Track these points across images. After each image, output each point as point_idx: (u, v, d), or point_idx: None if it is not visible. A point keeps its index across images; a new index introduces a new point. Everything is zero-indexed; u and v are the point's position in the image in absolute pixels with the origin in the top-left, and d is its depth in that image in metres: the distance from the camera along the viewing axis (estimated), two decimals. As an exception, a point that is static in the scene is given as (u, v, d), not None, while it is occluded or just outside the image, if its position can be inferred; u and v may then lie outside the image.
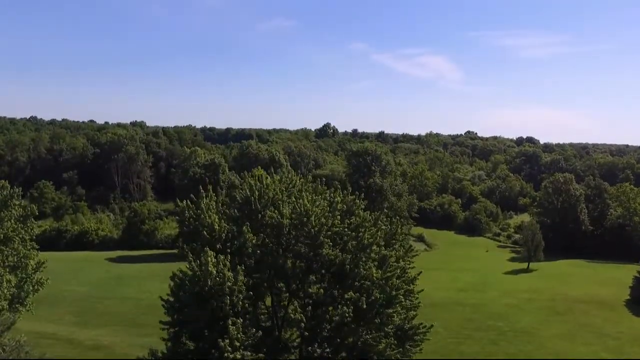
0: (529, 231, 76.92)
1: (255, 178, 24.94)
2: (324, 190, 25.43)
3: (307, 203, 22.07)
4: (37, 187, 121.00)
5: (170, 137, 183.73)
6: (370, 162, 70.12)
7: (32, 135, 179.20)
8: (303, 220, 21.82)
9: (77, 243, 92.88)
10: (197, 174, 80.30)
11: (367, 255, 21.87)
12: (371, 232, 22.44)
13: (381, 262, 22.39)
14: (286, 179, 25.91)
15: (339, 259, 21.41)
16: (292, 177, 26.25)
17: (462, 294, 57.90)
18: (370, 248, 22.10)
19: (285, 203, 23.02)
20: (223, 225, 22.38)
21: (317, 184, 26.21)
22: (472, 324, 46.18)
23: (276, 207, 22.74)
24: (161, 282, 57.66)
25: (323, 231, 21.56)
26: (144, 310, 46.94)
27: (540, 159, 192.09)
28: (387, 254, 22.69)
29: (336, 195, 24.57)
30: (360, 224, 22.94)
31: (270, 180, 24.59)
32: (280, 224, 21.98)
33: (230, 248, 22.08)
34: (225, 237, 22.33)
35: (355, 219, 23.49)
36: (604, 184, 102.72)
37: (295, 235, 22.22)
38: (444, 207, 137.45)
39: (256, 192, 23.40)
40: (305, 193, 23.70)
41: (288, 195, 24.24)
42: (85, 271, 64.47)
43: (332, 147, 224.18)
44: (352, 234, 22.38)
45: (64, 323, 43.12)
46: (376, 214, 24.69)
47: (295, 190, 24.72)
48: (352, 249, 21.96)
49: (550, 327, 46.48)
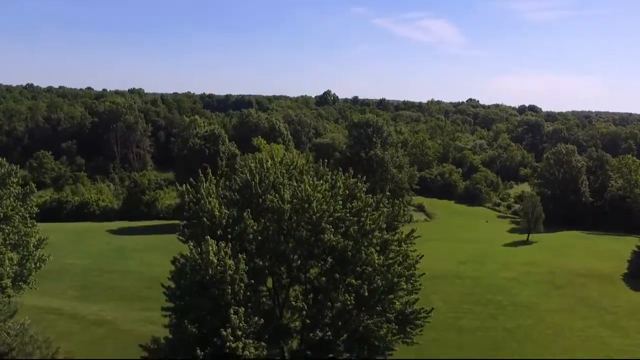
0: (530, 203, 76.82)
1: (256, 161, 24.44)
2: (326, 172, 24.99)
3: (309, 188, 21.68)
4: (36, 157, 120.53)
5: (169, 106, 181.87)
6: (371, 134, 69.32)
7: (29, 103, 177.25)
8: (304, 206, 21.50)
9: (78, 214, 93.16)
10: (196, 145, 79.61)
11: (368, 240, 21.66)
12: (373, 218, 22.16)
13: (383, 247, 22.22)
14: (287, 160, 25.42)
15: (341, 245, 21.21)
16: (293, 157, 25.73)
17: (462, 267, 58.27)
18: (372, 234, 21.86)
19: (286, 187, 22.63)
20: (223, 211, 22.04)
21: (319, 164, 25.74)
22: (471, 298, 46.61)
23: (277, 191, 22.37)
24: (162, 254, 58.12)
25: (325, 217, 21.28)
26: (146, 284, 47.31)
27: (543, 128, 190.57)
28: (389, 238, 22.50)
29: (338, 178, 24.15)
30: (362, 209, 22.63)
31: (271, 163, 24.10)
32: (281, 209, 21.66)
33: (231, 234, 21.84)
34: (225, 223, 22.04)
35: (357, 203, 23.16)
36: (606, 156, 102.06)
37: (296, 220, 21.95)
38: (444, 176, 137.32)
39: (257, 175, 22.97)
40: (307, 176, 23.26)
41: (289, 178, 23.83)
42: (86, 243, 64.71)
43: (332, 115, 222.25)
44: (353, 219, 22.12)
45: (67, 298, 43.49)
46: (378, 197, 24.34)
47: (297, 172, 24.28)
48: (354, 234, 21.72)
49: (549, 300, 46.93)
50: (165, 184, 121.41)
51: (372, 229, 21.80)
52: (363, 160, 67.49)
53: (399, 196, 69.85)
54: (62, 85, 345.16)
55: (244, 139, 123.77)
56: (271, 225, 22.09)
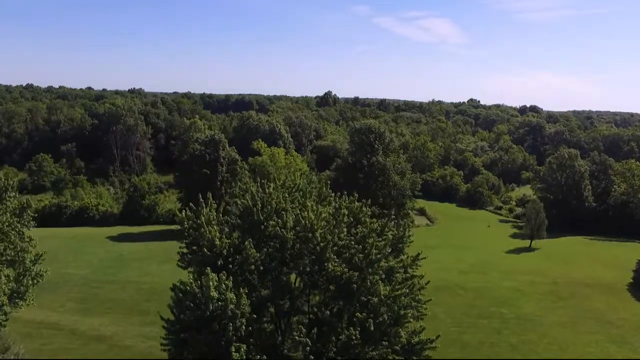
0: (533, 209, 76.22)
1: (258, 185, 23.84)
2: (329, 194, 24.41)
3: (312, 216, 21.10)
4: (35, 160, 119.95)
5: (169, 108, 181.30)
6: (373, 140, 68.73)
7: (29, 105, 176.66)
8: (308, 235, 20.91)
9: (78, 219, 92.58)
10: (196, 151, 79.00)
11: (374, 269, 21.08)
12: (379, 247, 21.55)
13: (388, 274, 21.65)
14: (289, 182, 24.83)
15: (346, 276, 20.64)
16: (296, 178, 25.13)
17: (464, 276, 57.74)
18: (377, 264, 21.28)
19: (289, 213, 22.04)
20: (224, 241, 21.44)
21: (322, 185, 25.16)
22: (474, 311, 46.06)
23: (279, 217, 21.78)
24: (161, 263, 58.06)
25: (329, 247, 20.70)
26: (145, 296, 46.91)
27: (544, 130, 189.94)
28: (395, 266, 21.90)
29: (342, 202, 23.56)
30: (367, 235, 22.05)
31: (274, 186, 23.51)
32: (284, 238, 21.09)
33: (232, 263, 21.26)
34: (227, 253, 21.44)
35: (362, 229, 22.59)
36: (609, 160, 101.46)
37: (299, 249, 21.36)
38: (445, 179, 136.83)
39: (259, 202, 22.37)
40: (310, 201, 22.66)
41: (292, 200, 23.26)
42: (85, 251, 64.15)
43: (333, 117, 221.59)
44: (358, 247, 21.52)
45: (66, 311, 42.93)
46: (383, 221, 23.75)
47: (299, 195, 23.69)
48: (359, 263, 21.13)
49: (553, 313, 46.38)
50: (165, 187, 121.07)
51: (378, 259, 21.22)
52: (365, 167, 66.84)
53: (401, 203, 69.36)
54: (62, 85, 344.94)
55: (245, 141, 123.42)
56: (274, 255, 21.50)
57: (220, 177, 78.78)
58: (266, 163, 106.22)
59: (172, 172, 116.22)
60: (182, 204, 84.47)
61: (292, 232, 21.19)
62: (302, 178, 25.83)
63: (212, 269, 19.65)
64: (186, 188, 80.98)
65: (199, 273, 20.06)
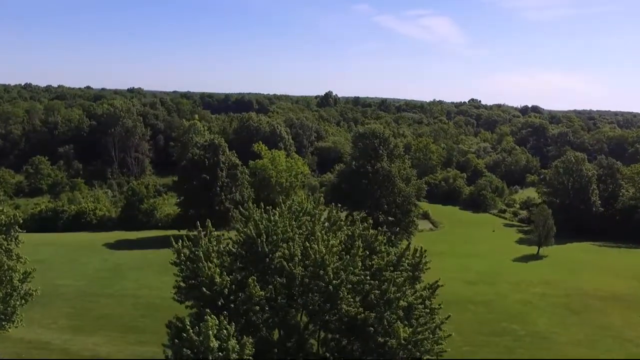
0: (541, 216, 74.22)
1: (261, 210, 21.81)
2: (339, 218, 22.41)
3: (323, 248, 19.10)
4: (32, 162, 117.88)
5: (168, 108, 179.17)
6: (377, 146, 66.74)
7: (27, 105, 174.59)
8: (318, 272, 18.94)
9: (74, 223, 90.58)
10: (196, 155, 76.94)
11: (392, 309, 19.13)
12: (397, 284, 19.56)
13: (407, 312, 19.70)
14: (296, 206, 22.80)
15: (361, 317, 18.69)
16: (302, 201, 23.13)
17: (473, 288, 55.77)
18: (396, 302, 19.33)
19: (297, 242, 20.05)
20: (225, 279, 19.44)
21: (331, 208, 23.15)
22: (486, 327, 44.12)
23: (286, 247, 19.75)
24: (159, 273, 55.91)
25: (342, 286, 18.74)
26: (142, 311, 44.96)
27: (547, 131, 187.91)
28: (414, 302, 19.93)
29: (355, 229, 21.58)
30: (383, 268, 20.07)
31: (279, 213, 21.49)
32: (292, 274, 19.12)
33: (234, 302, 19.28)
34: (228, 291, 19.45)
35: (377, 261, 20.62)
36: (616, 164, 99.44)
37: (308, 284, 19.37)
38: (448, 181, 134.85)
39: (263, 233, 20.36)
40: (319, 230, 20.61)
41: (299, 226, 21.26)
42: (80, 261, 62.15)
43: (334, 117, 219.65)
44: (374, 283, 19.55)
45: (58, 328, 40.95)
46: (400, 250, 21.76)
47: (307, 220, 21.62)
48: (374, 301, 19.17)
49: (568, 330, 44.44)
50: (164, 190, 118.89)
51: (397, 297, 19.27)
52: (369, 173, 64.85)
53: (407, 210, 67.38)
54: (60, 85, 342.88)
55: (245, 143, 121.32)
56: (280, 293, 19.53)
57: (220, 183, 76.71)
58: (267, 166, 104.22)
59: (172, 174, 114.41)
60: (181, 210, 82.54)
61: (300, 266, 19.21)
62: (309, 200, 23.72)
63: (212, 308, 17.73)
64: (185, 193, 78.89)
65: (197, 314, 18.09)
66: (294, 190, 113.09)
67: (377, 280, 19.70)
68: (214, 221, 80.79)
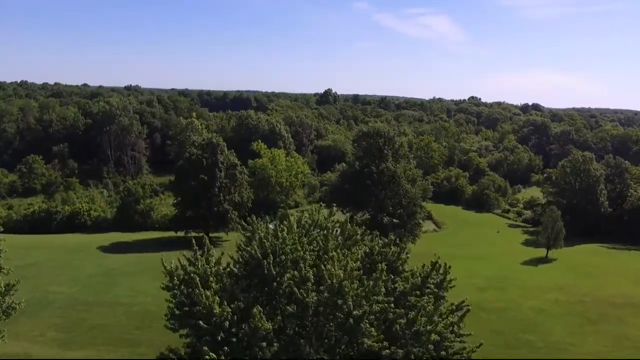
0: (550, 218, 71.90)
1: (266, 226, 19.30)
2: (355, 232, 19.92)
3: (340, 272, 16.57)
4: (26, 162, 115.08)
5: (165, 106, 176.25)
6: (382, 145, 64.27)
7: (21, 103, 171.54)
8: (336, 302, 16.42)
9: (68, 225, 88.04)
10: (193, 155, 74.37)
11: (421, 343, 16.71)
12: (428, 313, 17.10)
13: (437, 345, 17.29)
14: (306, 221, 20.27)
15: (386, 353, 16.24)
16: (313, 212, 20.62)
17: (483, 294, 53.30)
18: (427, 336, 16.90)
19: (308, 262, 17.57)
20: (226, 309, 16.92)
21: (345, 222, 20.64)
22: (501, 338, 41.75)
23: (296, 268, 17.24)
24: (154, 279, 52.78)
25: (364, 318, 16.26)
26: (136, 322, 42.45)
27: (549, 129, 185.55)
28: (443, 331, 17.46)
29: (374, 246, 19.13)
30: (408, 292, 17.64)
31: (287, 228, 18.94)
32: (305, 303, 16.62)
33: (237, 335, 16.84)
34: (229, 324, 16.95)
35: (401, 284, 18.18)
36: (624, 163, 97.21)
37: (324, 315, 16.86)
38: (450, 180, 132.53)
39: (270, 254, 17.84)
40: (334, 249, 18.06)
41: (309, 242, 18.77)
42: (73, 265, 59.61)
43: (333, 115, 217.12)
44: (400, 312, 17.08)
45: (46, 341, 38.44)
46: (426, 270, 19.24)
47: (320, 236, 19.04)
48: (400, 332, 16.74)
49: (586, 340, 42.13)
50: (161, 189, 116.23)
51: (428, 331, 16.82)
52: (374, 174, 62.38)
53: (412, 212, 64.97)
54: (57, 82, 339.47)
55: (244, 142, 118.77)
56: (290, 323, 17.07)
57: (219, 183, 74.19)
58: (266, 166, 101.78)
59: (169, 173, 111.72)
60: (178, 211, 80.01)
61: (313, 292, 16.69)
62: (320, 211, 21.19)
63: (210, 343, 15.34)
64: (183, 194, 76.35)
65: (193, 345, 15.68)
66: (294, 190, 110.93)
67: (402, 306, 17.28)
68: (212, 223, 78.76)
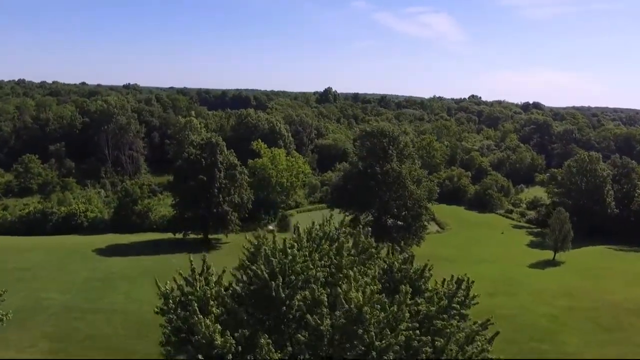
0: (557, 219, 70.21)
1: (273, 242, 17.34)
2: (370, 245, 18.12)
3: (360, 296, 14.69)
4: (22, 161, 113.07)
5: (164, 105, 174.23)
6: (386, 145, 62.45)
7: (18, 102, 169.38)
8: (355, 331, 14.54)
9: (64, 226, 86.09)
10: (192, 155, 72.51)
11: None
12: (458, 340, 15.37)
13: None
14: (317, 233, 18.37)
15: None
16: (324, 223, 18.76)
17: (492, 300, 51.33)
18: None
19: (321, 282, 15.76)
20: (229, 340, 15.07)
21: (358, 233, 18.85)
22: (514, 348, 39.99)
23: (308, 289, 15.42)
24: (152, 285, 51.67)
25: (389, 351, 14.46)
26: (132, 331, 40.62)
27: (551, 128, 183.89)
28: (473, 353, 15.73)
29: (394, 260, 17.35)
30: (433, 315, 15.90)
31: (297, 244, 17.08)
32: (319, 331, 14.77)
33: (241, 366, 15.06)
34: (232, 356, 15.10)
35: (426, 307, 16.39)
36: (631, 163, 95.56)
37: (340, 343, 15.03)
38: (453, 180, 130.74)
39: (279, 275, 15.96)
40: (349, 266, 16.20)
41: (320, 257, 16.96)
42: (68, 269, 57.71)
43: (334, 114, 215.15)
44: (425, 340, 15.32)
45: (37, 353, 36.60)
46: (452, 288, 17.43)
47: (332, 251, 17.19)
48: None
49: (600, 351, 40.44)
50: (159, 189, 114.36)
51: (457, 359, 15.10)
52: (378, 175, 60.58)
53: (417, 214, 63.19)
54: (55, 81, 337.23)
55: (243, 141, 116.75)
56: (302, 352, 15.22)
57: (218, 184, 72.32)
58: (267, 166, 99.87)
59: (168, 173, 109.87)
60: (177, 212, 78.15)
61: (327, 317, 14.83)
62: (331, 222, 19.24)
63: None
64: (181, 195, 74.49)
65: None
66: (295, 190, 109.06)
67: (426, 330, 15.51)
68: (211, 224, 76.87)
